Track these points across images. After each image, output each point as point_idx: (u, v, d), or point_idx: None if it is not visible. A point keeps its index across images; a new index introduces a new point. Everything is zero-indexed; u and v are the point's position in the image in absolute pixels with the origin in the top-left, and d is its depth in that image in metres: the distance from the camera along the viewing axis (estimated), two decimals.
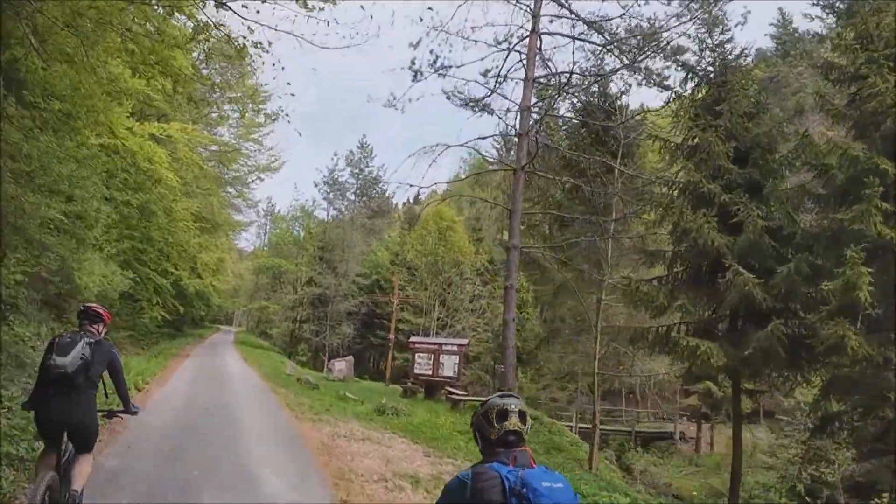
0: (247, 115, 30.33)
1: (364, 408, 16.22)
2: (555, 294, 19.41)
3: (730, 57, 12.28)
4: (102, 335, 5.24)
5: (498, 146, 45.38)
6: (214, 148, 30.92)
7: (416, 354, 26.15)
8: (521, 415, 2.47)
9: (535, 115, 16.53)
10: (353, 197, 55.17)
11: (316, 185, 51.98)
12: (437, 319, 37.46)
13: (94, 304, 5.40)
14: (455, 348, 25.99)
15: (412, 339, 28.75)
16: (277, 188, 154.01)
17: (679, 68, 13.33)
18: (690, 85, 13.01)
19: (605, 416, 34.35)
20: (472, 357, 35.77)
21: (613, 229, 15.86)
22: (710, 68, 12.61)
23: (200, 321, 47.24)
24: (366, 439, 12.01)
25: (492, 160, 45.13)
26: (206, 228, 28.73)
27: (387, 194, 61.03)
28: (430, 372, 25.06)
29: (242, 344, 38.99)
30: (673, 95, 13.41)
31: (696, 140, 11.58)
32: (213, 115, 32.39)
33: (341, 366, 29.36)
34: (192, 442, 9.16)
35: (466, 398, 20.57)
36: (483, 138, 16.69)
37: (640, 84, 17.73)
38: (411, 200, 77.67)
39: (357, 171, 55.86)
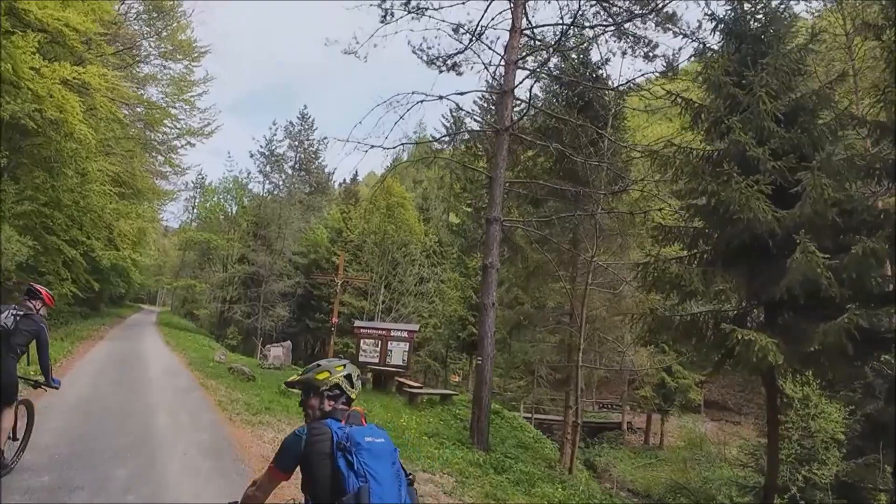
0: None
1: None
2: (528, 277, 17.40)
3: (773, 4, 10.47)
4: (38, 311, 5.69)
5: (448, 124, 43.19)
6: (140, 109, 27.69)
7: (362, 341, 23.92)
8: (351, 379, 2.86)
9: (520, 72, 14.38)
10: (290, 171, 51.71)
11: (252, 156, 48.19)
12: (382, 303, 35.09)
13: (38, 285, 6.03)
14: (405, 334, 23.89)
15: (357, 323, 26.39)
16: (209, 159, 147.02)
17: (707, 19, 11.38)
18: (717, 38, 11.03)
19: (549, 405, 33.10)
20: (417, 343, 33.73)
21: (601, 205, 13.99)
22: (741, 21, 10.76)
23: (120, 300, 43.55)
24: None
25: (436, 139, 42.93)
26: (126, 194, 25.41)
27: (326, 170, 57.88)
28: (377, 360, 22.91)
29: (166, 325, 35.59)
30: (699, 48, 11.41)
31: (729, 101, 9.68)
32: (143, 68, 29.01)
33: (278, 352, 26.43)
34: (89, 468, 6.62)
35: (424, 391, 18.38)
36: (462, 94, 14.37)
37: (625, 53, 15.80)
38: (348, 180, 74.61)
39: (296, 143, 52.46)
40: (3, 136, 15.79)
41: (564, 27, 14.10)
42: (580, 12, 15.64)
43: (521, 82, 14.38)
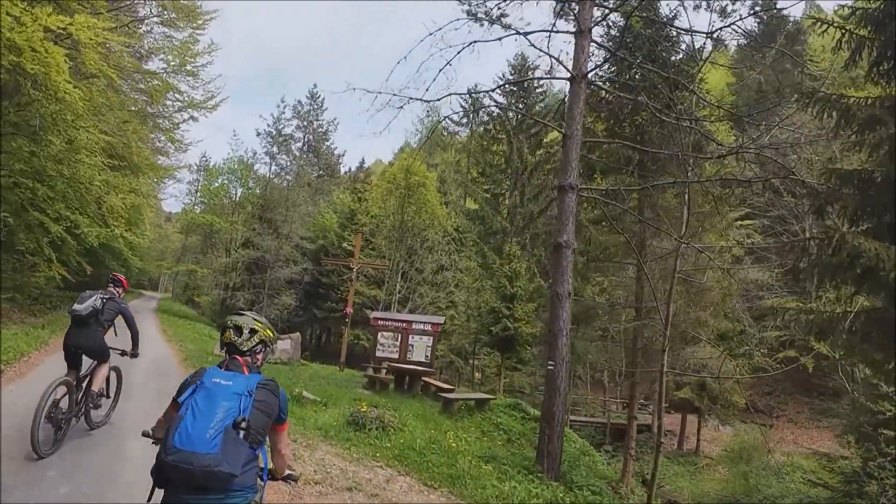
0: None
1: (331, 415, 11.13)
2: (587, 262, 14.74)
3: None
4: (120, 295, 7.25)
5: (465, 108, 40.44)
6: (142, 85, 25.33)
7: (380, 334, 21.36)
8: (237, 329, 2.96)
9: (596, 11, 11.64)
10: (298, 153, 48.98)
11: (259, 135, 45.50)
12: (399, 292, 32.48)
13: (119, 275, 7.48)
14: (428, 327, 21.31)
15: (374, 314, 23.78)
16: (214, 136, 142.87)
17: None
18: None
19: (584, 406, 30.93)
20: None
21: (697, 175, 11.37)
22: None
23: None
24: (354, 489, 7.19)
25: (454, 122, 40.37)
26: (121, 167, 22.78)
27: (336, 153, 55.34)
28: (396, 355, 20.39)
29: (165, 313, 33.08)
30: None
31: None
32: (145, 42, 26.45)
33: (285, 345, 23.85)
34: None
35: (460, 397, 15.78)
36: (525, 34, 11.66)
37: (697, 7, 13.12)
38: (353, 169, 71.81)
39: (305, 123, 49.78)
40: None
41: None
42: None
43: (598, 22, 11.71)
